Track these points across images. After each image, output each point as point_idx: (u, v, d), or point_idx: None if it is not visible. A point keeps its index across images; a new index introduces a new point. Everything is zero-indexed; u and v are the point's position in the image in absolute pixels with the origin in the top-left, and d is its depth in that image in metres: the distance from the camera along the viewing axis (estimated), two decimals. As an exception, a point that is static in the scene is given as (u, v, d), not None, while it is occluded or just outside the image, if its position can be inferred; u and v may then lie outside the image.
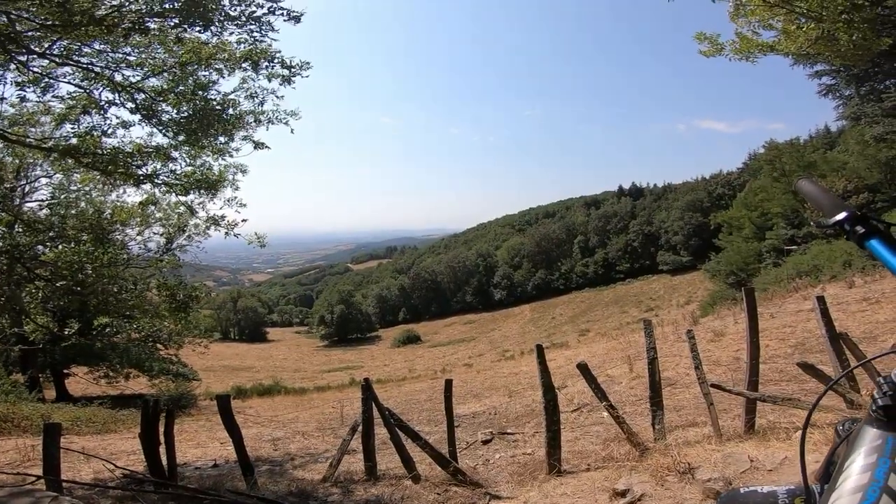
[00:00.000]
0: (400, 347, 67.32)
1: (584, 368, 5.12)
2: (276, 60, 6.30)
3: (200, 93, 6.44)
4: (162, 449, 4.95)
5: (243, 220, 8.72)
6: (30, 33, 5.02)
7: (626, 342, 16.01)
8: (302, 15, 5.81)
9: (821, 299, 4.93)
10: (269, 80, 6.72)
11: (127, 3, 5.01)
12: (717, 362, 9.04)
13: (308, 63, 6.73)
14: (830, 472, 0.64)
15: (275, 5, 5.60)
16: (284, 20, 5.73)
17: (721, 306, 22.24)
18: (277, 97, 7.05)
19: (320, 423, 12.30)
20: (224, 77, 6.62)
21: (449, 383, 6.39)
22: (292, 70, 6.63)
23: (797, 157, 35.60)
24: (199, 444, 9.74)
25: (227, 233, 8.69)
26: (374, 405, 5.29)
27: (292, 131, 7.43)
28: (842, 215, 0.86)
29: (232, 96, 6.85)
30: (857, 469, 0.58)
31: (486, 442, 7.86)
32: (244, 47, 6.08)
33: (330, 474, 5.28)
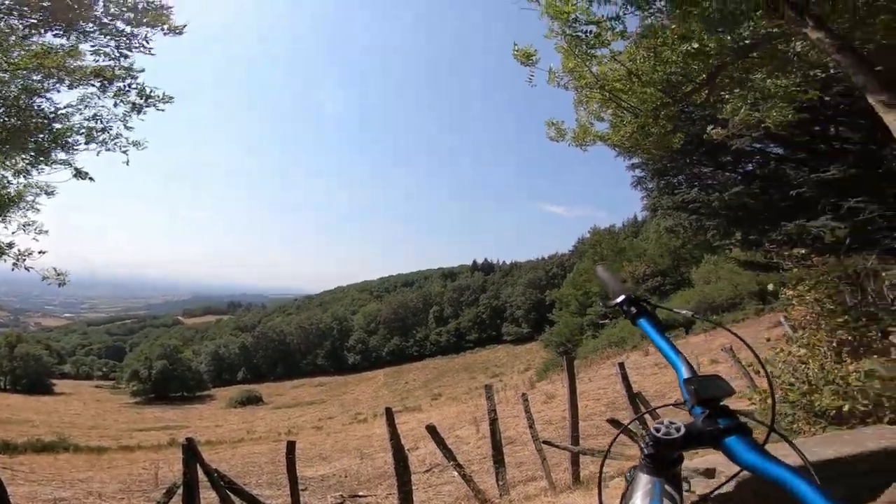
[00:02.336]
0: (237, 408, 59.50)
1: (432, 430, 5.23)
2: (133, 86, 5.65)
3: (25, 98, 5.36)
4: None
5: (40, 252, 7.11)
6: None
7: (475, 406, 16.70)
8: (185, 27, 5.43)
9: (621, 365, 5.99)
10: (116, 105, 5.96)
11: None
12: (549, 421, 10.00)
13: (170, 97, 6.18)
14: None
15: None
16: (164, 33, 5.28)
17: (553, 372, 25.02)
18: (127, 127, 6.21)
19: (126, 484, 10.11)
20: (60, 91, 5.66)
21: (292, 444, 5.85)
22: (148, 100, 6.01)
23: (612, 243, 43.65)
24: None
25: (14, 263, 6.98)
26: (199, 466, 4.52)
27: (127, 163, 6.53)
28: (621, 298, 1.02)
29: (66, 111, 5.85)
30: None
31: (332, 510, 7.23)
32: (101, 61, 5.35)
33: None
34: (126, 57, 5.32)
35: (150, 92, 5.93)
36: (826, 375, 3.79)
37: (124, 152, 6.46)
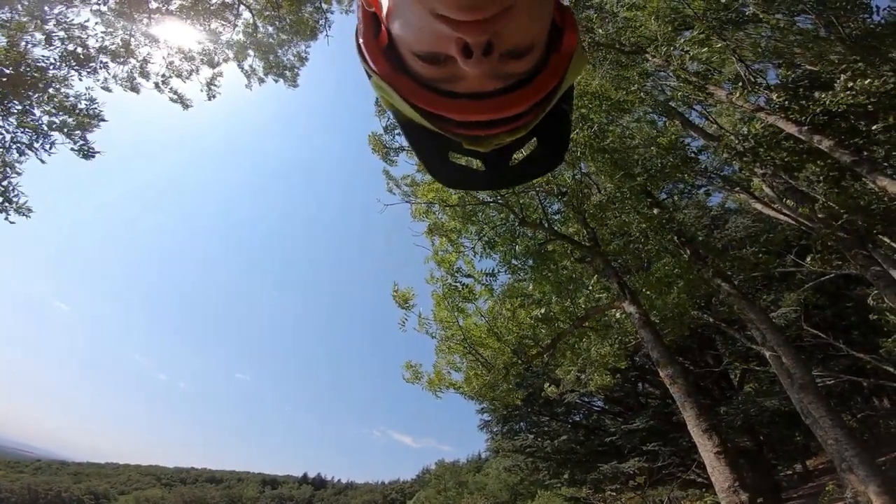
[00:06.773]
0: None
1: None
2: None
3: None
4: None
5: None
6: None
7: None
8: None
9: None
10: None
11: None
12: None
13: (30, 209, 5.63)
14: None
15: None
16: (74, 148, 5.16)
17: None
18: None
19: None
20: None
21: None
22: (3, 206, 5.45)
23: (455, 476, 43.77)
24: None
25: None
26: None
27: None
28: None
29: None
30: None
31: None
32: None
33: None
34: (22, 154, 5.02)
35: (14, 196, 5.41)
36: None
37: None
